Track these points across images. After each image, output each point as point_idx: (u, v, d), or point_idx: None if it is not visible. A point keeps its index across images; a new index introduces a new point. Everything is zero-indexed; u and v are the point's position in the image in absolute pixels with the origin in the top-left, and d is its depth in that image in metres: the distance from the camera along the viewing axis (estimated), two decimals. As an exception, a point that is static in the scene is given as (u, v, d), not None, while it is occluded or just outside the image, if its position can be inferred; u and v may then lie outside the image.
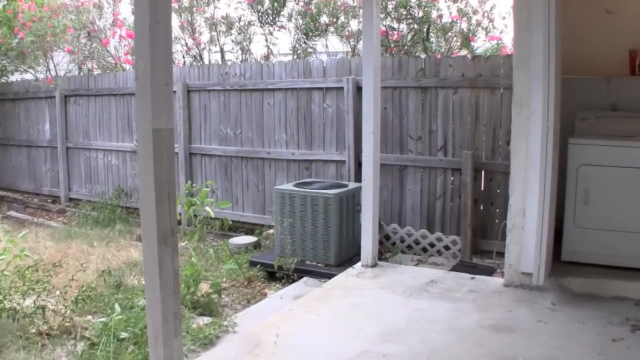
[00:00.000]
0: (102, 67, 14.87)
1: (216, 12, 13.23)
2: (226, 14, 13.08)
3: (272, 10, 12.38)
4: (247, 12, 12.81)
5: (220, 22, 13.08)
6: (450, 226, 9.01)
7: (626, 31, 7.79)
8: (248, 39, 12.98)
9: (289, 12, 12.60)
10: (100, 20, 14.66)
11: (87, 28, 14.43)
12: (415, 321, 5.93)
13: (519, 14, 6.54)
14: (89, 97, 13.16)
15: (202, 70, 11.24)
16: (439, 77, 8.87)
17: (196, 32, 13.50)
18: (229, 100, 10.80)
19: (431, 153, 9.03)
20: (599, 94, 7.94)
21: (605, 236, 6.95)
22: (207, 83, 11.03)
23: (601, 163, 6.94)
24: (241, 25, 12.92)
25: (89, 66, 15.26)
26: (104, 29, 14.62)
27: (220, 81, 10.88)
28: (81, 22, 14.26)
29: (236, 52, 13.27)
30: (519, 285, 6.84)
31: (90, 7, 14.45)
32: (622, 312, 6.13)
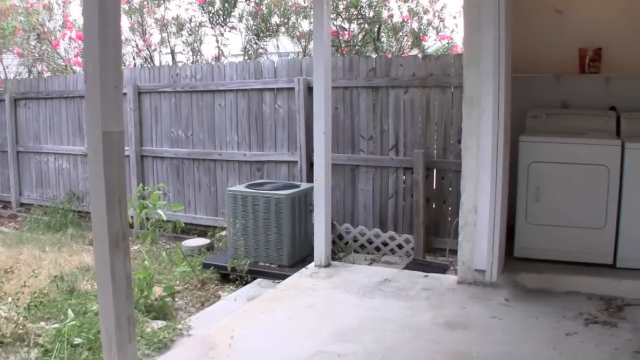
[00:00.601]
0: (52, 70, 14.60)
1: (167, 13, 13.10)
2: (177, 15, 12.95)
3: (223, 11, 12.27)
4: (197, 13, 12.67)
5: (170, 23, 12.94)
6: (403, 225, 9.00)
7: (576, 30, 7.87)
8: (199, 40, 12.86)
9: (239, 12, 12.49)
10: (50, 22, 14.39)
11: (36, 30, 14.17)
12: (370, 320, 5.91)
13: (469, 13, 6.57)
14: (39, 100, 12.91)
15: (153, 72, 11.11)
16: (390, 76, 8.87)
17: (147, 34, 13.34)
18: (180, 101, 10.69)
19: (383, 152, 9.02)
20: (550, 92, 8.04)
21: (556, 232, 7.02)
22: (158, 85, 10.90)
23: (552, 160, 7.00)
24: (192, 26, 12.80)
25: (39, 69, 15.00)
26: (54, 30, 14.36)
27: (171, 83, 10.75)
28: (31, 24, 13.99)
29: (187, 54, 13.15)
30: (473, 282, 6.87)
31: (40, 9, 14.19)
32: (575, 307, 6.19)
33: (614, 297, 6.44)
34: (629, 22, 7.73)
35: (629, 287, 6.50)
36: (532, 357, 5.13)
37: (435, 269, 7.84)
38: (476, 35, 6.49)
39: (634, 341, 5.40)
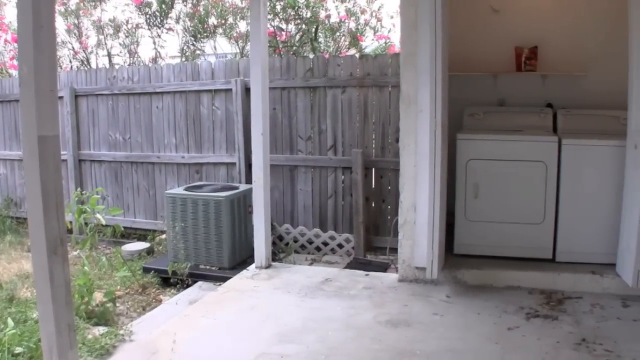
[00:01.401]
0: (-13, 73, 14.38)
1: (103, 15, 12.91)
2: (114, 17, 12.77)
3: (160, 12, 12.13)
4: (134, 15, 12.52)
5: (107, 25, 12.76)
6: (343, 224, 8.98)
7: (512, 29, 7.99)
8: (136, 42, 12.70)
9: (177, 14, 12.36)
10: (-16, 24, 14.17)
11: (-30, 32, 13.94)
12: (312, 320, 5.85)
13: (406, 12, 6.55)
14: (-26, 104, 12.63)
15: (90, 75, 10.87)
16: (328, 76, 8.83)
17: (83, 36, 13.13)
18: (117, 104, 10.49)
19: (321, 152, 8.98)
20: (487, 90, 8.13)
21: (496, 228, 7.06)
22: (95, 88, 10.67)
23: (490, 157, 7.03)
24: (129, 28, 12.65)
25: (-26, 72, 14.74)
26: (-12, 33, 14.13)
27: (108, 85, 10.54)
28: (-36, 27, 13.77)
29: (124, 56, 12.97)
30: (414, 280, 6.86)
31: (-26, 11, 13.97)
32: (516, 301, 6.24)
33: (555, 291, 6.52)
34: (564, 20, 7.85)
35: (568, 281, 6.58)
36: (475, 353, 5.11)
37: (376, 268, 7.81)
38: (413, 35, 6.48)
39: (575, 333, 5.45)
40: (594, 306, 6.13)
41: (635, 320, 5.79)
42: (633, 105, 6.24)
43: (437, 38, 6.11)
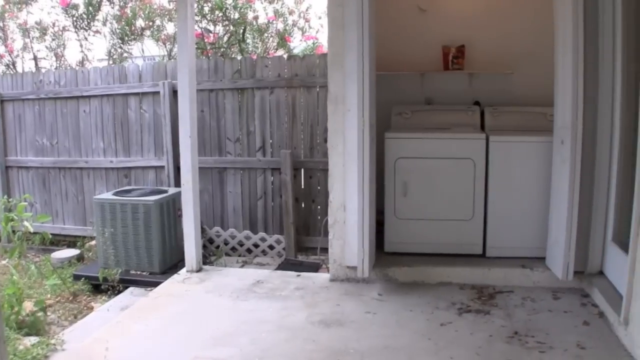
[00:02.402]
0: None
1: (29, 18, 12.57)
2: (40, 20, 12.43)
3: (87, 14, 11.86)
4: (61, 17, 12.20)
5: (33, 28, 12.45)
6: (273, 226, 8.91)
7: (439, 28, 8.02)
8: (62, 45, 12.41)
9: (104, 16, 12.06)
10: None
11: None
12: (245, 323, 5.75)
13: (333, 13, 6.49)
14: None
15: (16, 79, 10.57)
16: (256, 78, 8.75)
17: (9, 39, 12.81)
18: (44, 109, 10.23)
19: (250, 154, 8.90)
20: (415, 89, 8.14)
21: (426, 225, 7.06)
22: (21, 92, 10.39)
23: (417, 155, 7.01)
24: (55, 31, 12.36)
25: None
26: None
27: (35, 90, 10.27)
28: None
29: (51, 59, 12.66)
30: (345, 279, 6.82)
31: None
32: (448, 297, 6.26)
33: (486, 286, 6.56)
34: (491, 19, 7.92)
35: (499, 275, 6.63)
36: (409, 349, 5.08)
37: (308, 268, 7.74)
38: (340, 35, 6.45)
39: (507, 327, 5.49)
40: (525, 299, 6.18)
41: (566, 312, 5.86)
42: (559, 102, 6.30)
43: (364, 38, 6.06)
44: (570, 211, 6.01)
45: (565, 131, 6.06)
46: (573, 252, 6.07)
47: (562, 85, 6.16)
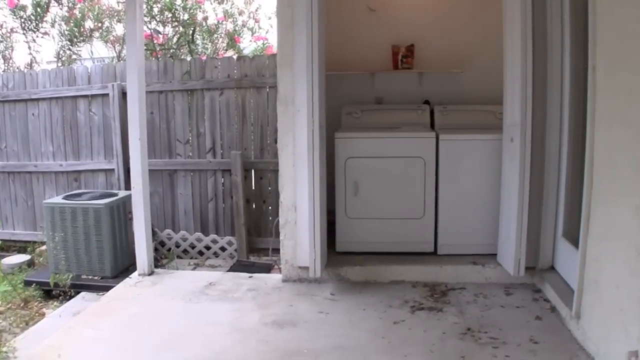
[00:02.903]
0: None
1: (-24, 20, 12.38)
2: (-13, 21, 12.28)
3: (35, 15, 11.66)
4: (9, 19, 11.97)
5: (-20, 30, 12.28)
6: (224, 227, 8.85)
7: (389, 28, 8.06)
8: (10, 47, 12.21)
9: (52, 17, 11.82)
10: None
11: None
12: (198, 325, 5.69)
13: (282, 13, 6.46)
14: None
15: (-37, 83, 10.43)
16: (205, 79, 8.68)
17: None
18: (-9, 112, 10.07)
19: (200, 155, 8.82)
20: (365, 89, 8.20)
21: (377, 224, 7.08)
22: (-32, 96, 10.24)
23: (368, 155, 7.03)
24: (2, 33, 12.16)
25: None
26: None
27: (-19, 93, 10.13)
28: None
29: (-2, 62, 12.50)
30: (297, 280, 6.80)
31: None
32: (401, 295, 6.27)
33: (438, 283, 6.59)
34: (440, 19, 8.02)
35: (450, 273, 6.67)
36: (362, 348, 5.07)
37: (260, 269, 7.71)
38: (289, 35, 6.41)
39: (460, 324, 5.53)
40: (478, 296, 6.23)
41: (518, 307, 5.92)
42: (508, 100, 6.36)
43: (314, 38, 6.05)
44: (520, 208, 6.05)
45: (515, 129, 6.10)
46: (524, 248, 6.13)
47: (511, 83, 6.21)
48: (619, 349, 4.21)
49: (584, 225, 4.93)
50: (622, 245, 4.24)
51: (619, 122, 4.36)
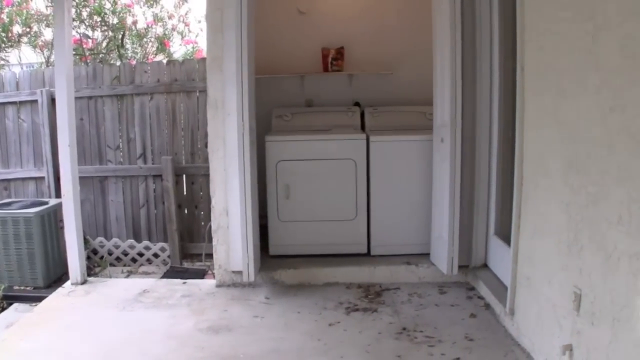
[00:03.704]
0: None
1: None
2: None
3: (-39, 21, 11.46)
4: None
5: None
6: (157, 233, 8.73)
7: (319, 30, 8.09)
8: (-64, 53, 11.96)
9: (-22, 22, 11.69)
10: None
11: None
12: (133, 334, 5.59)
13: (211, 16, 6.40)
14: None
15: None
16: (135, 83, 8.53)
17: None
18: None
19: (131, 161, 8.67)
20: (295, 91, 8.19)
21: (310, 227, 7.06)
22: None
23: (299, 157, 7.01)
24: None
25: None
26: None
27: None
28: None
29: None
30: (231, 285, 6.74)
31: None
32: (335, 297, 6.27)
33: (372, 284, 6.61)
34: (370, 21, 8.06)
35: (384, 273, 6.70)
36: (299, 351, 5.06)
37: (194, 275, 7.64)
38: (219, 39, 6.36)
39: (395, 323, 5.55)
40: (412, 295, 6.26)
41: (452, 305, 5.98)
42: (437, 101, 6.43)
43: (243, 41, 6.00)
44: (452, 207, 6.10)
45: (445, 129, 6.14)
46: (457, 247, 6.18)
47: (441, 84, 6.26)
48: (553, 343, 4.26)
49: (516, 223, 4.98)
50: (553, 241, 4.29)
51: (548, 121, 4.41)
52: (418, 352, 4.95)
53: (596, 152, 3.64)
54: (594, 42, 3.64)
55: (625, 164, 3.29)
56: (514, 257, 5.01)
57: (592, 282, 3.67)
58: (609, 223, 3.46)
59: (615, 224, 3.37)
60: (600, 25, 3.57)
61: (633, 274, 3.20)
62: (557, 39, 4.24)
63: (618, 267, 3.35)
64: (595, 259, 3.62)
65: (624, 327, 3.30)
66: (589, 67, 3.70)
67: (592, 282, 3.67)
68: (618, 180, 3.36)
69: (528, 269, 4.81)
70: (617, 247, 3.36)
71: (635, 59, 3.21)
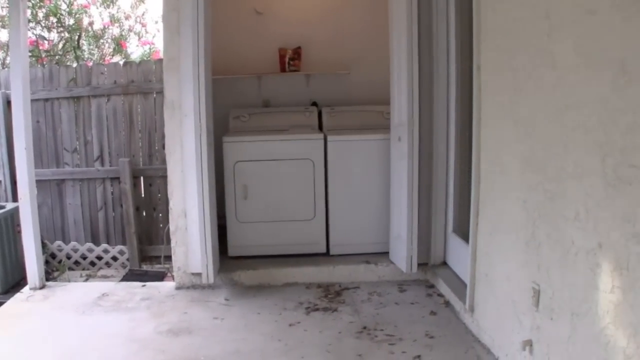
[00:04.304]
0: None
1: None
2: None
3: None
4: None
5: None
6: (115, 236, 8.64)
7: (276, 31, 8.06)
8: None
9: None
10: None
11: None
12: (93, 338, 5.52)
13: (168, 17, 6.35)
14: None
15: None
16: (92, 85, 8.43)
17: None
18: None
19: (88, 164, 8.56)
20: (252, 92, 8.14)
21: (268, 227, 7.04)
22: None
23: (256, 158, 7.00)
24: None
25: None
26: None
27: None
28: None
29: None
30: (191, 286, 6.69)
31: None
32: (295, 297, 6.26)
33: (332, 284, 6.61)
34: (326, 21, 8.07)
35: (344, 272, 6.70)
36: (259, 352, 5.04)
37: (153, 278, 7.59)
38: (175, 39, 6.30)
39: (355, 322, 5.55)
40: (372, 294, 6.27)
41: (412, 303, 6.00)
42: (395, 100, 6.44)
43: (200, 42, 5.96)
44: (410, 206, 6.12)
45: (402, 128, 6.16)
46: (415, 246, 6.21)
47: (398, 83, 6.28)
48: (513, 339, 4.29)
49: (474, 221, 5.01)
50: (511, 238, 4.32)
51: (505, 120, 4.44)
52: (379, 350, 4.96)
53: (552, 149, 3.66)
54: (549, 41, 3.67)
55: (581, 160, 3.31)
56: (472, 254, 5.04)
57: (551, 278, 3.70)
58: (566, 219, 3.48)
59: (573, 220, 3.40)
60: (556, 24, 3.60)
61: (590, 269, 3.22)
62: (513, 38, 4.27)
63: (576, 262, 3.38)
64: (553, 255, 3.65)
65: (583, 322, 3.32)
66: (545, 65, 3.73)
67: (551, 277, 3.70)
68: (574, 177, 3.39)
69: (487, 266, 4.83)
70: (575, 243, 3.38)
71: (589, 57, 3.24)
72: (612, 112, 3.03)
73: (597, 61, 3.17)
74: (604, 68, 3.09)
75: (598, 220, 3.17)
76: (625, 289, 2.96)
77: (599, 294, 3.16)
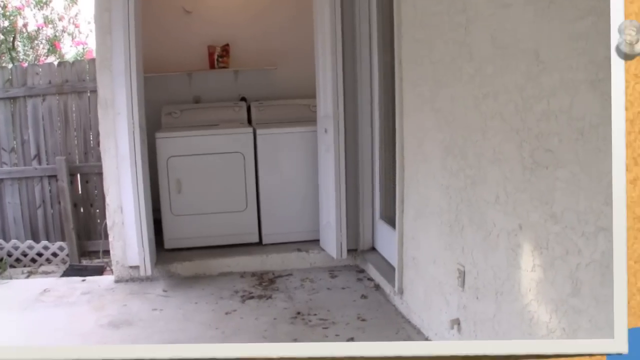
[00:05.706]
0: None
1: None
2: None
3: None
4: None
5: None
6: (55, 233, 8.45)
7: (205, 28, 7.96)
8: None
9: None
10: None
11: None
12: (36, 334, 5.42)
13: (100, 18, 6.23)
14: None
15: None
16: (27, 86, 8.22)
17: None
18: None
19: (26, 163, 8.35)
20: (183, 89, 8.03)
21: (202, 220, 6.99)
22: None
23: (188, 153, 6.96)
24: None
25: None
26: None
27: None
28: None
29: None
30: (129, 280, 6.57)
31: None
32: (230, 286, 6.20)
33: (265, 272, 6.54)
34: (253, 18, 7.96)
35: (277, 260, 6.65)
36: (197, 341, 4.97)
37: (92, 272, 7.42)
38: (107, 39, 6.18)
39: (289, 308, 5.53)
40: (304, 281, 6.24)
41: (343, 288, 6.01)
42: (320, 93, 6.43)
43: (131, 41, 5.89)
44: (338, 195, 6.13)
45: (328, 120, 6.16)
46: (344, 232, 6.22)
47: (323, 77, 6.28)
48: (441, 318, 4.31)
49: (399, 207, 5.03)
50: (435, 222, 4.33)
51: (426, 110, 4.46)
52: (313, 334, 4.95)
53: (472, 136, 3.68)
54: (466, 33, 3.68)
55: (499, 146, 3.33)
56: (399, 239, 5.06)
57: (475, 259, 3.72)
58: (487, 203, 3.50)
59: (493, 203, 3.42)
60: (472, 17, 3.61)
61: (512, 249, 3.24)
62: (432, 31, 4.28)
63: (498, 243, 3.40)
64: (476, 237, 3.67)
65: (507, 299, 3.34)
66: (463, 57, 3.74)
67: (475, 259, 3.72)
68: (493, 162, 3.41)
69: (413, 250, 4.85)
70: (496, 225, 3.40)
71: (505, 48, 3.26)
72: (528, 99, 3.05)
73: (512, 52, 3.18)
74: (519, 58, 3.11)
75: (517, 203, 3.19)
76: (545, 267, 2.98)
77: (521, 273, 3.18)
